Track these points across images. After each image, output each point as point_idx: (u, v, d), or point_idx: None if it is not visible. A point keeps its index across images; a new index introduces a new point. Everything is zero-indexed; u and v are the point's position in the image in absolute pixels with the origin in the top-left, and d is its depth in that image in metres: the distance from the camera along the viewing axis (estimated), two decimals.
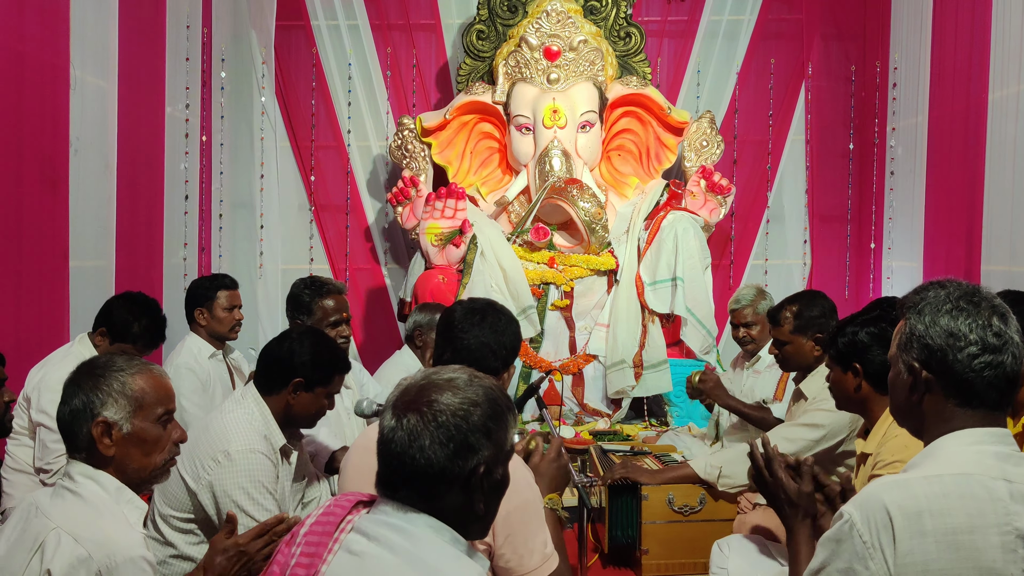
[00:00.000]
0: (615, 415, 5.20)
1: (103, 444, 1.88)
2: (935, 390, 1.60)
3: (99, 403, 1.88)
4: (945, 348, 1.57)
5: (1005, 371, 1.56)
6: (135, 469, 1.92)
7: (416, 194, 5.48)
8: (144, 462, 1.93)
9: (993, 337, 1.56)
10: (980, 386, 1.56)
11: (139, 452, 1.91)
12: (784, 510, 1.97)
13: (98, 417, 1.88)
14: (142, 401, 1.91)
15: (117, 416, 1.89)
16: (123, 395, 1.90)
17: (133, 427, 1.90)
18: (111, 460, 1.89)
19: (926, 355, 1.59)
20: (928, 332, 1.59)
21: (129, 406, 1.90)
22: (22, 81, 3.66)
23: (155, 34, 4.89)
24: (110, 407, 1.89)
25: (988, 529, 1.48)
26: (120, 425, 1.89)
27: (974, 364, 1.56)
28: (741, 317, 4.17)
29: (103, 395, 1.89)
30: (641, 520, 3.24)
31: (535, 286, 5.24)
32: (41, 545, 1.75)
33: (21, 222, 3.67)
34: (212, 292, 3.95)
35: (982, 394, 1.57)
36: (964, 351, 1.56)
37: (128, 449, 1.90)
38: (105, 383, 1.90)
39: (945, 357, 1.57)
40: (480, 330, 2.29)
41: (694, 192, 5.43)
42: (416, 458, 1.41)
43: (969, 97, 4.63)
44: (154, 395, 1.94)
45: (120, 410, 1.89)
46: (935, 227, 5.08)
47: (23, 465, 3.33)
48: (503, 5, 5.78)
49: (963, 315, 1.57)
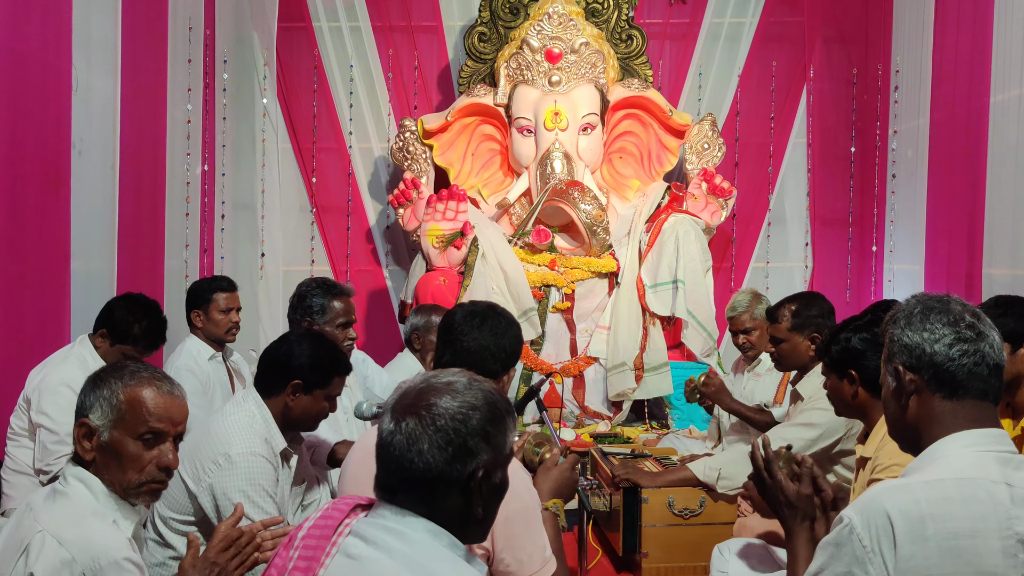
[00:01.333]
0: (616, 418, 5.20)
1: (82, 446, 1.88)
2: (921, 389, 1.61)
3: (88, 405, 1.88)
4: (922, 343, 1.60)
5: (985, 359, 1.58)
6: (110, 481, 1.89)
7: (417, 196, 5.48)
8: (119, 476, 1.88)
9: (967, 329, 1.59)
10: (962, 375, 1.58)
11: (115, 464, 1.88)
12: (783, 512, 1.97)
13: (83, 418, 1.88)
14: (125, 414, 1.87)
15: (99, 422, 1.87)
16: (108, 402, 1.88)
17: (111, 437, 1.87)
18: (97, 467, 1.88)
19: (906, 355, 1.62)
20: (904, 333, 1.62)
21: (111, 415, 1.87)
22: (24, 82, 3.66)
23: (157, 36, 4.89)
24: (95, 411, 1.88)
25: (989, 533, 1.48)
26: (100, 432, 1.87)
27: (952, 352, 1.58)
28: (739, 324, 4.17)
29: (93, 398, 1.88)
30: (641, 523, 3.24)
31: (536, 288, 5.23)
32: (26, 548, 1.75)
33: (23, 223, 3.67)
34: (209, 294, 3.94)
35: (966, 383, 1.58)
36: (940, 342, 1.59)
37: (105, 458, 1.88)
38: (99, 387, 1.89)
39: (923, 352, 1.60)
40: (480, 333, 2.28)
41: (695, 195, 5.43)
42: (414, 461, 1.41)
43: (971, 100, 4.62)
44: (143, 412, 1.88)
45: (103, 417, 1.87)
46: (937, 230, 5.07)
47: (23, 466, 3.33)
48: (505, 7, 5.78)
49: (934, 313, 1.61)
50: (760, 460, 2.02)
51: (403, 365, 4.24)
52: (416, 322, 4.27)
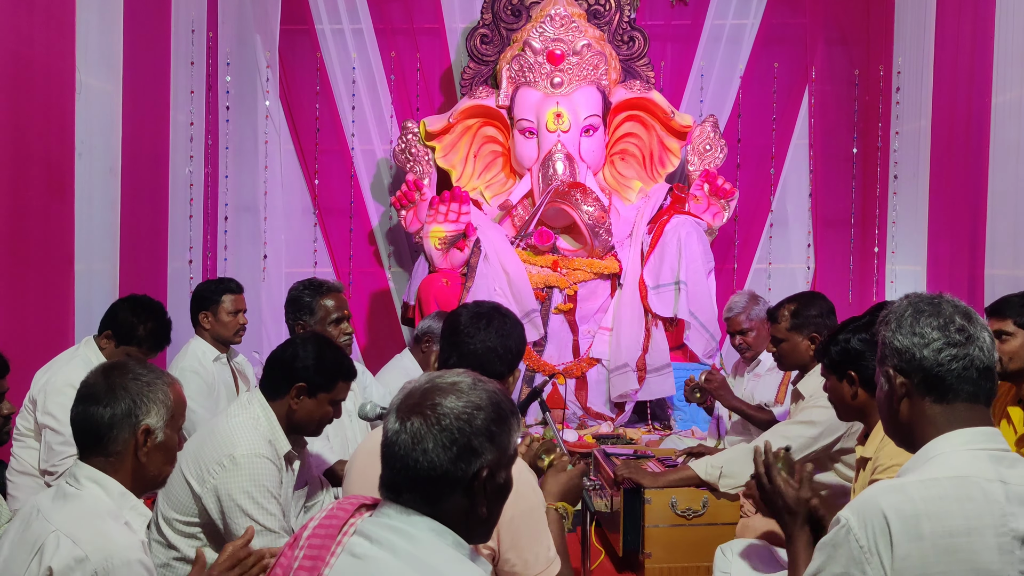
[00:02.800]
0: (618, 419, 5.20)
1: (142, 451, 1.93)
2: (912, 393, 1.62)
3: (144, 410, 1.93)
4: (911, 347, 1.60)
5: (974, 363, 1.58)
6: (152, 476, 1.97)
7: (420, 198, 5.49)
8: (163, 469, 1.99)
9: (956, 333, 1.58)
10: (951, 379, 1.58)
11: (162, 460, 1.97)
12: (783, 517, 1.98)
13: (142, 423, 1.92)
14: (175, 411, 1.98)
15: (156, 424, 1.94)
16: (164, 404, 1.96)
17: (165, 436, 1.96)
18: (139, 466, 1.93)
19: (896, 359, 1.62)
20: (895, 336, 1.62)
21: (167, 415, 1.96)
22: (28, 85, 3.67)
23: (160, 38, 4.90)
24: (153, 414, 1.94)
25: (985, 531, 1.49)
26: (156, 433, 1.94)
27: (940, 358, 1.58)
28: (736, 325, 4.18)
29: (148, 402, 1.94)
30: (644, 523, 3.24)
31: (539, 290, 5.24)
32: (40, 548, 1.77)
33: (26, 225, 3.68)
34: (217, 296, 3.95)
35: (955, 387, 1.58)
36: (929, 347, 1.59)
37: (154, 456, 1.96)
38: (151, 390, 1.95)
39: (913, 356, 1.60)
40: (486, 334, 2.29)
41: (697, 196, 5.44)
42: (419, 461, 1.42)
43: (972, 101, 4.62)
44: (182, 406, 2.03)
45: (160, 418, 1.95)
46: (939, 231, 5.07)
47: (28, 467, 3.33)
48: (507, 9, 5.79)
49: (924, 316, 1.61)
50: (760, 466, 2.03)
51: (400, 366, 4.20)
52: (433, 326, 4.17)
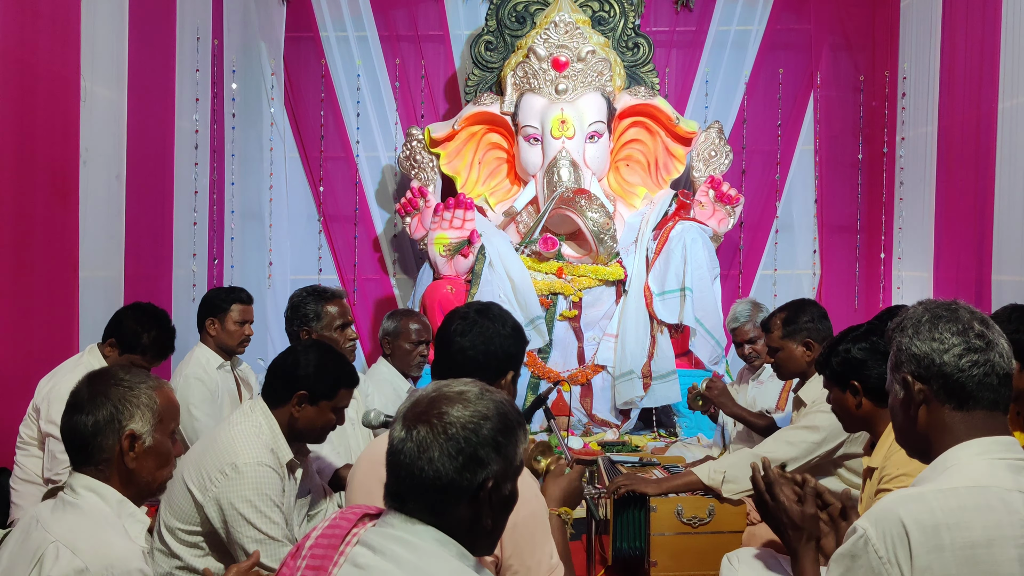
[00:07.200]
0: (624, 426, 5.19)
1: (129, 456, 1.90)
2: (930, 400, 1.59)
3: (127, 415, 1.91)
4: (931, 353, 1.58)
5: (995, 369, 1.56)
6: (146, 482, 1.94)
7: (424, 205, 5.49)
8: (156, 475, 1.96)
9: (976, 339, 1.57)
10: (972, 385, 1.56)
11: (154, 465, 1.95)
12: (787, 534, 1.94)
13: (126, 429, 1.90)
14: (163, 415, 1.95)
15: (143, 428, 1.92)
16: (149, 408, 1.93)
17: (154, 440, 1.93)
18: (129, 472, 1.91)
19: (914, 365, 1.60)
20: (913, 343, 1.60)
21: (153, 419, 1.93)
22: (32, 92, 3.68)
23: (165, 45, 4.91)
24: (137, 419, 1.91)
25: (1006, 542, 1.47)
26: (144, 438, 1.92)
27: (961, 363, 1.56)
28: (742, 334, 4.16)
29: (131, 407, 1.91)
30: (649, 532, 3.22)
31: (543, 296, 5.23)
32: (40, 558, 1.75)
33: (31, 233, 3.68)
34: (227, 304, 3.94)
35: (976, 394, 1.56)
36: (949, 352, 1.57)
37: (145, 462, 1.93)
38: (133, 395, 1.92)
39: (932, 362, 1.58)
40: (466, 339, 2.21)
41: (702, 202, 5.43)
42: (424, 470, 1.41)
43: (979, 106, 4.61)
44: (171, 410, 1.98)
45: (145, 423, 1.92)
46: (945, 237, 5.05)
47: (32, 476, 3.33)
48: (511, 16, 5.80)
49: (942, 322, 1.59)
50: (761, 483, 2.00)
51: (377, 372, 4.18)
52: (387, 327, 4.17)
